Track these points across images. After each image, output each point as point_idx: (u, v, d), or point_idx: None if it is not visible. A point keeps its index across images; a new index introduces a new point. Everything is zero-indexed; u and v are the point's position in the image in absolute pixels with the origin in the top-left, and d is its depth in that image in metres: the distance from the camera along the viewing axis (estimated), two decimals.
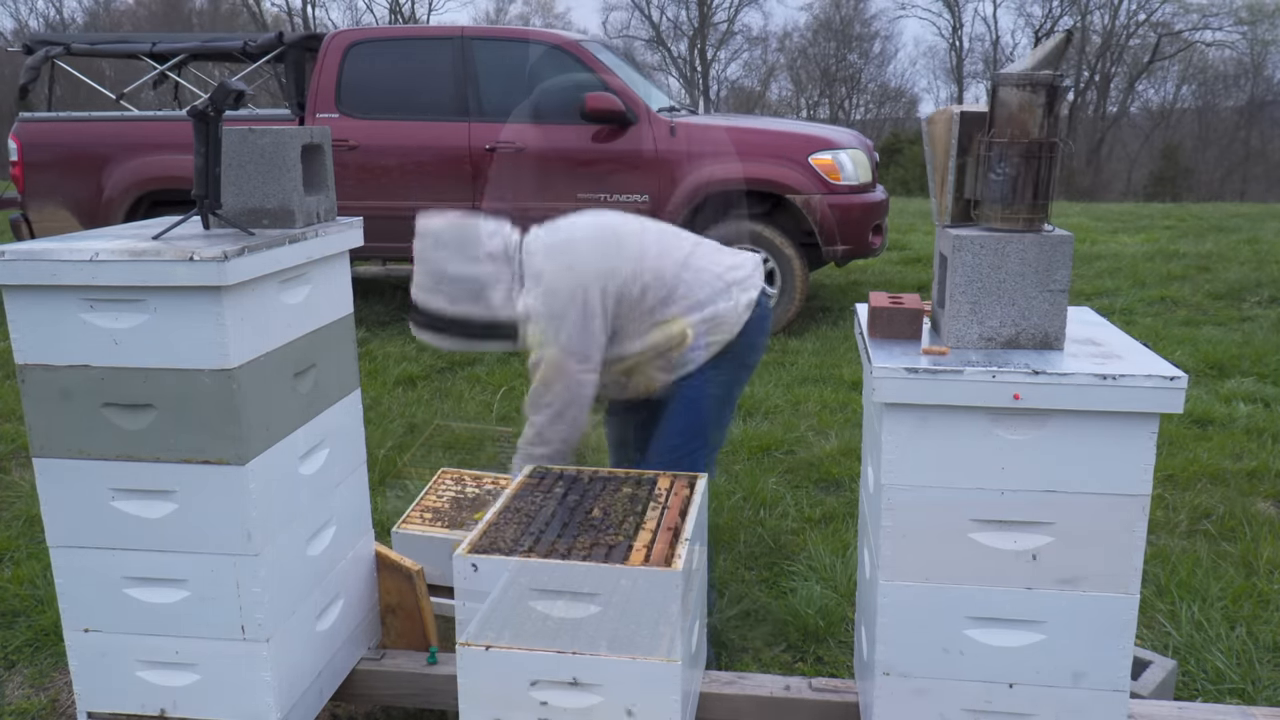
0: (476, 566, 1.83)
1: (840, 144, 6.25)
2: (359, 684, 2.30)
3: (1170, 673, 2.32)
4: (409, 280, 2.48)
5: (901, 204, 13.22)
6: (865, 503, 2.12)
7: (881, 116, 36.61)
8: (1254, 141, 31.72)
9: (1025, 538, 1.75)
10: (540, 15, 36.27)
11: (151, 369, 1.80)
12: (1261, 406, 4.65)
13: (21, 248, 1.79)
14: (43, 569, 3.08)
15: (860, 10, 36.54)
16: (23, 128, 6.47)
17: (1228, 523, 3.41)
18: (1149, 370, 1.66)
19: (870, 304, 1.94)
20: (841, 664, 2.66)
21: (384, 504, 3.65)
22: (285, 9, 33.69)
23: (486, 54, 6.41)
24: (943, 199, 1.91)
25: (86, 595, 1.96)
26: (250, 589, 1.90)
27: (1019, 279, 1.78)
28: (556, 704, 1.86)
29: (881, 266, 8.44)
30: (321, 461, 2.11)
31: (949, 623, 1.80)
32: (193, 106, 1.88)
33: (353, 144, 6.26)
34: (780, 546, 3.31)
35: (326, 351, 2.13)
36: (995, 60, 34.07)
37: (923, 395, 1.70)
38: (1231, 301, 6.91)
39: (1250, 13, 30.43)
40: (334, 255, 2.13)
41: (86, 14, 32.20)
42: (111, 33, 20.93)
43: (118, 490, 1.88)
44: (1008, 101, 1.76)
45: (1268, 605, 2.87)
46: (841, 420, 4.55)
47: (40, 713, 2.50)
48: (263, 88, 12.90)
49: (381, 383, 5.24)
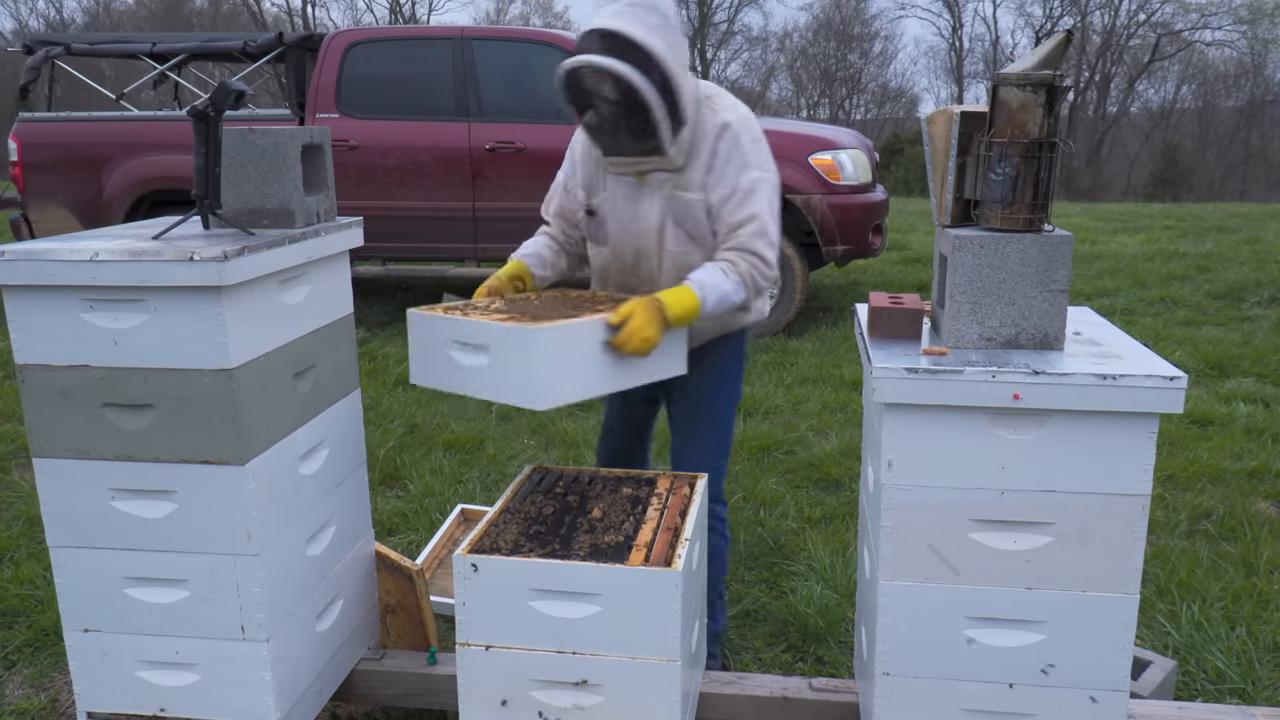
0: (476, 567, 1.83)
1: (840, 144, 6.25)
2: (359, 684, 2.30)
3: (1170, 673, 2.32)
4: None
5: (901, 204, 13.22)
6: (865, 503, 2.12)
7: (881, 116, 36.61)
8: (1254, 141, 31.71)
9: (1025, 538, 1.75)
10: (540, 15, 36.28)
11: (151, 369, 1.80)
12: (1261, 406, 4.65)
13: (21, 248, 1.79)
14: (43, 569, 3.08)
15: (860, 10, 36.56)
16: (23, 128, 6.47)
17: (1228, 523, 3.41)
18: (1149, 370, 1.66)
19: (870, 304, 1.94)
20: (841, 664, 2.66)
21: (384, 504, 3.65)
22: (285, 9, 33.69)
23: (486, 54, 6.41)
24: (943, 199, 1.91)
25: (86, 595, 1.96)
26: (250, 589, 1.90)
27: (1019, 279, 1.78)
28: (556, 704, 1.86)
29: (881, 266, 8.44)
30: (321, 461, 2.11)
31: (949, 623, 1.80)
32: (193, 106, 1.88)
33: (353, 144, 6.26)
34: (780, 546, 3.31)
35: (326, 351, 2.13)
36: (995, 60, 34.08)
37: (923, 395, 1.70)
38: (1231, 301, 6.91)
39: (1250, 12, 30.44)
40: (334, 255, 2.13)
41: (86, 14, 32.20)
42: (111, 33, 20.92)
43: (118, 490, 1.88)
44: (1008, 101, 1.76)
45: (1268, 605, 2.87)
46: (841, 420, 4.55)
47: (40, 713, 2.50)
48: (263, 88, 12.91)
49: (381, 383, 5.24)
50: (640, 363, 2.07)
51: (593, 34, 2.11)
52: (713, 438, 2.46)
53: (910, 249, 9.24)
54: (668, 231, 2.28)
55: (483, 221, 6.34)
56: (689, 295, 2.14)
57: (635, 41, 2.08)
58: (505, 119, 6.28)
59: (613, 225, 2.34)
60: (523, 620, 1.84)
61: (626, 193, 2.30)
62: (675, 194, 2.25)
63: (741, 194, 2.21)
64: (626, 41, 2.08)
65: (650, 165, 2.22)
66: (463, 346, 1.97)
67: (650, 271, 2.33)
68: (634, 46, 2.08)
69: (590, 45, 2.11)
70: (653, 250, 2.31)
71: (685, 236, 2.28)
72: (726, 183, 2.21)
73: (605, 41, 2.09)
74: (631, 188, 2.29)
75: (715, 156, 2.22)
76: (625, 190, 2.30)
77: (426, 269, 8.28)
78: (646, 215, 2.28)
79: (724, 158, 2.21)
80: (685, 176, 2.25)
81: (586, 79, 2.12)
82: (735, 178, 2.21)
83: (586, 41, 2.12)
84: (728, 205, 2.21)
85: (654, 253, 2.31)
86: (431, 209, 6.33)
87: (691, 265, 2.26)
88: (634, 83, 2.07)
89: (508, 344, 1.90)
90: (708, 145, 2.22)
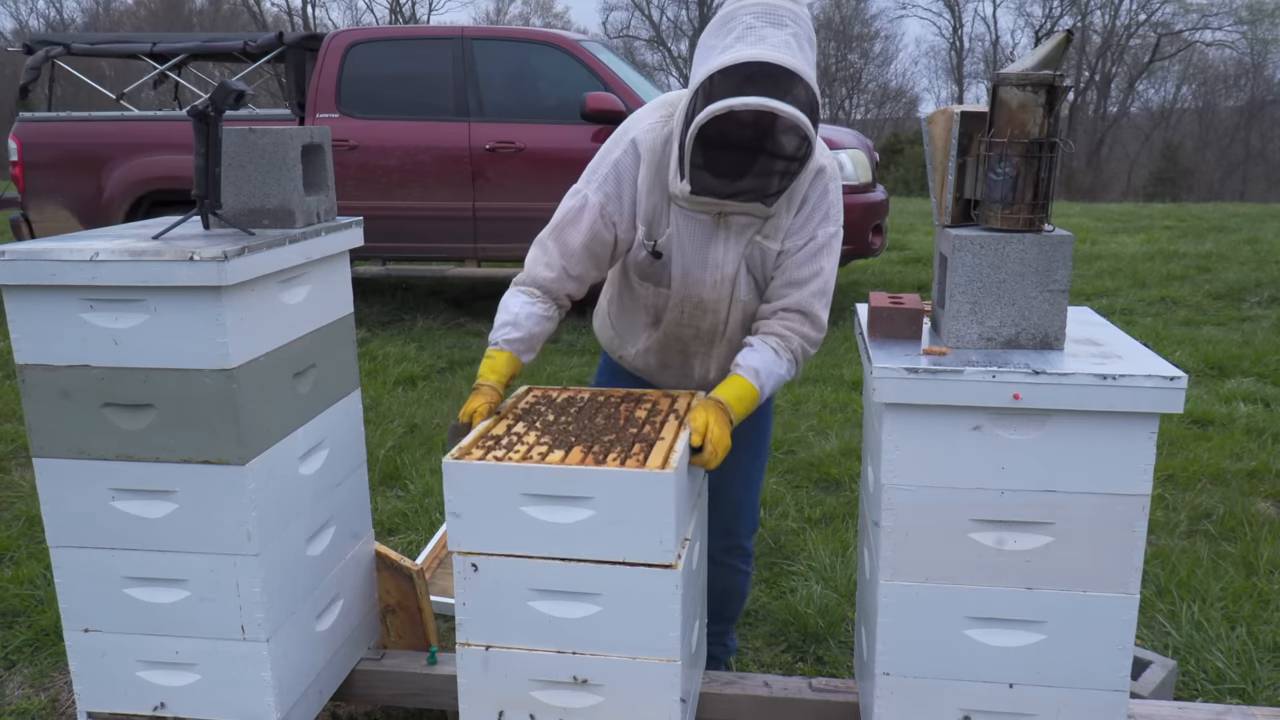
0: (476, 567, 1.83)
1: (840, 144, 6.25)
2: (359, 684, 2.30)
3: (1170, 673, 2.32)
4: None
5: (901, 204, 13.22)
6: (865, 503, 2.12)
7: (881, 116, 36.60)
8: (1254, 141, 31.71)
9: (1025, 538, 1.75)
10: (540, 15, 36.27)
11: (151, 369, 1.80)
12: (1261, 406, 4.65)
13: (21, 248, 1.79)
14: (43, 569, 3.08)
15: (860, 10, 36.56)
16: (23, 128, 6.47)
17: (1228, 523, 3.41)
18: (1149, 370, 1.66)
19: (870, 304, 1.94)
20: (841, 664, 2.66)
21: (384, 504, 3.65)
22: (285, 9, 33.68)
23: (486, 54, 6.41)
24: (943, 199, 1.91)
25: (86, 595, 1.96)
26: (250, 589, 1.90)
27: (1019, 279, 1.78)
28: (556, 704, 1.86)
29: (881, 266, 8.44)
30: (321, 461, 2.11)
31: (949, 623, 1.80)
32: (193, 106, 1.88)
33: (353, 144, 6.26)
34: (780, 546, 3.31)
35: (326, 351, 2.13)
36: (995, 60, 34.07)
37: (923, 395, 1.70)
38: (1231, 301, 6.91)
39: (1250, 13, 30.43)
40: (334, 255, 2.13)
41: (86, 14, 32.19)
42: (111, 33, 20.92)
43: (118, 490, 1.88)
44: (1008, 101, 1.76)
45: (1268, 605, 2.87)
46: (841, 420, 4.55)
47: (40, 713, 2.50)
48: (263, 88, 12.90)
49: (381, 383, 5.24)
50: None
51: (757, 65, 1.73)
52: (748, 504, 2.39)
53: (910, 249, 9.24)
54: (741, 279, 2.05)
55: (483, 221, 6.34)
56: (748, 390, 1.98)
57: (809, 86, 1.77)
58: (505, 119, 6.29)
59: (677, 267, 2.06)
60: (523, 620, 1.84)
61: (698, 233, 2.02)
62: (756, 240, 2.02)
63: (816, 247, 2.02)
64: (798, 80, 1.75)
65: (738, 208, 1.96)
66: (545, 500, 1.78)
67: (715, 322, 2.12)
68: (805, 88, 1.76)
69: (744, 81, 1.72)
70: (724, 300, 2.07)
71: (754, 285, 2.08)
72: (806, 232, 2.02)
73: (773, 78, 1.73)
74: (705, 228, 2.02)
75: (805, 204, 2.01)
76: (697, 230, 2.02)
77: (426, 269, 8.29)
78: (721, 262, 2.03)
79: (812, 205, 2.02)
80: (771, 223, 2.01)
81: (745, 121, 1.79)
82: (816, 229, 2.02)
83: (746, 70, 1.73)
84: (798, 256, 2.02)
85: (724, 302, 2.08)
86: (431, 209, 6.33)
87: (752, 315, 2.10)
88: (809, 137, 1.79)
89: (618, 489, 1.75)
90: (800, 191, 2.00)
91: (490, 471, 1.79)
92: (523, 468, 1.78)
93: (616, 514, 1.76)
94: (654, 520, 1.75)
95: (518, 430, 1.95)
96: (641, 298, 2.18)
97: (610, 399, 2.13)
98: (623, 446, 1.86)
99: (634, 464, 1.78)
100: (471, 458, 1.82)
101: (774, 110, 1.72)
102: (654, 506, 1.74)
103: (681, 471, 1.81)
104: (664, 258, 2.06)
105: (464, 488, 1.80)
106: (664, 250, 2.05)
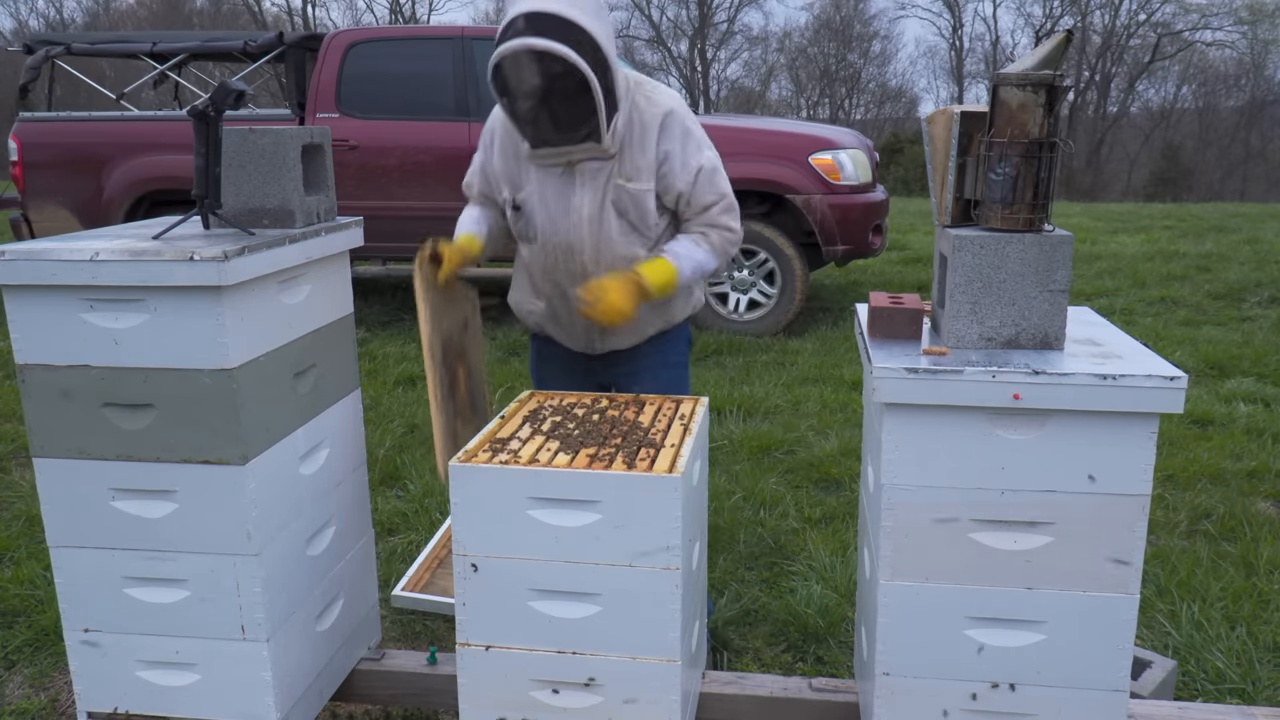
0: (476, 566, 1.83)
1: (840, 144, 6.25)
2: (359, 684, 2.30)
3: (1170, 673, 2.32)
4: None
5: (901, 204, 13.22)
6: (865, 503, 2.12)
7: (881, 116, 36.59)
8: (1254, 141, 31.70)
9: (1025, 538, 1.75)
10: None
11: (151, 369, 1.80)
12: (1261, 406, 4.65)
13: (21, 248, 1.79)
14: (43, 569, 3.08)
15: (860, 10, 36.54)
16: (23, 128, 6.47)
17: (1228, 523, 3.41)
18: (1149, 370, 1.66)
19: (870, 304, 1.94)
20: (841, 664, 2.66)
21: (384, 504, 3.65)
22: (285, 9, 33.67)
23: (486, 54, 6.37)
24: (943, 199, 1.91)
25: (86, 595, 1.96)
26: (250, 589, 1.90)
27: (1019, 279, 1.78)
28: (556, 704, 1.86)
29: (881, 266, 8.44)
30: (321, 461, 2.11)
31: (949, 623, 1.80)
32: (193, 106, 1.88)
33: (353, 144, 6.26)
34: (780, 546, 3.31)
35: (326, 351, 2.13)
36: (995, 60, 34.07)
37: (923, 395, 1.70)
38: (1231, 301, 6.91)
39: (1250, 13, 30.42)
40: (334, 255, 2.13)
41: (86, 14, 32.19)
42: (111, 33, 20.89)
43: (118, 490, 1.88)
44: (1008, 101, 1.76)
45: (1268, 605, 2.87)
46: (841, 420, 4.55)
47: (40, 713, 2.49)
48: (263, 88, 12.90)
49: (381, 383, 5.24)
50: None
51: (525, 17, 2.02)
52: None
53: (910, 249, 9.24)
54: (608, 222, 2.24)
55: None
56: (665, 266, 2.17)
57: (574, 22, 2.01)
58: None
59: (541, 219, 2.29)
60: (523, 620, 1.84)
61: (556, 185, 2.25)
62: (618, 184, 2.22)
63: (707, 176, 2.26)
64: (564, 22, 2.00)
65: (581, 154, 2.18)
66: (552, 504, 1.78)
67: (581, 264, 2.28)
68: (572, 27, 2.01)
69: (521, 29, 2.01)
70: (584, 242, 2.26)
71: (628, 227, 2.26)
72: (689, 168, 2.24)
73: (539, 24, 2.00)
74: (561, 179, 2.24)
75: (668, 145, 2.22)
76: (554, 182, 2.25)
77: None
78: (579, 206, 2.24)
79: (679, 145, 2.23)
80: (627, 165, 2.22)
81: (523, 64, 2.04)
82: (696, 162, 2.24)
83: (517, 25, 2.02)
84: (696, 188, 2.25)
85: (586, 244, 2.26)
86: (431, 209, 6.32)
87: (633, 255, 2.26)
88: (576, 64, 2.01)
89: (626, 493, 1.75)
90: (652, 134, 2.21)
91: (496, 475, 1.79)
92: (529, 471, 1.78)
93: (624, 517, 1.76)
94: (662, 524, 1.75)
95: (522, 434, 1.95)
96: (524, 260, 2.41)
97: (614, 403, 2.16)
98: (629, 450, 1.86)
99: (642, 468, 1.79)
100: (478, 461, 1.82)
101: (529, 47, 2.00)
102: (662, 510, 1.75)
103: (689, 475, 1.81)
104: (524, 210, 2.30)
105: (470, 490, 1.80)
106: (523, 204, 2.30)
